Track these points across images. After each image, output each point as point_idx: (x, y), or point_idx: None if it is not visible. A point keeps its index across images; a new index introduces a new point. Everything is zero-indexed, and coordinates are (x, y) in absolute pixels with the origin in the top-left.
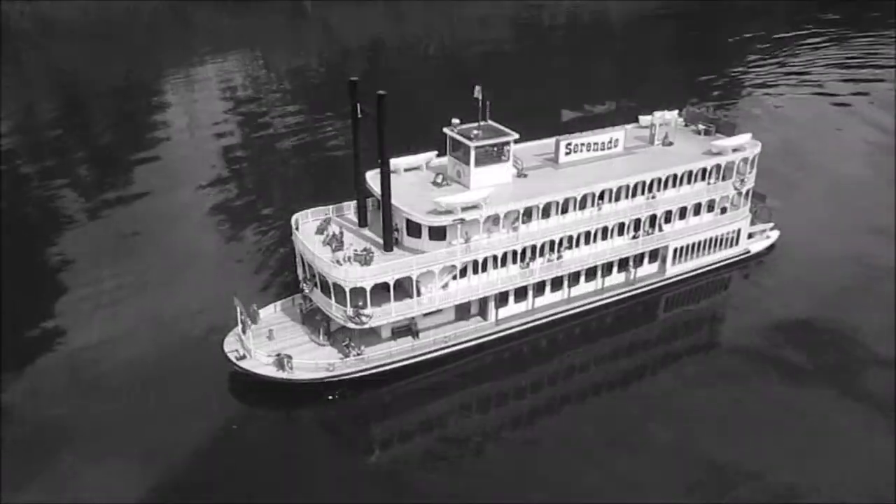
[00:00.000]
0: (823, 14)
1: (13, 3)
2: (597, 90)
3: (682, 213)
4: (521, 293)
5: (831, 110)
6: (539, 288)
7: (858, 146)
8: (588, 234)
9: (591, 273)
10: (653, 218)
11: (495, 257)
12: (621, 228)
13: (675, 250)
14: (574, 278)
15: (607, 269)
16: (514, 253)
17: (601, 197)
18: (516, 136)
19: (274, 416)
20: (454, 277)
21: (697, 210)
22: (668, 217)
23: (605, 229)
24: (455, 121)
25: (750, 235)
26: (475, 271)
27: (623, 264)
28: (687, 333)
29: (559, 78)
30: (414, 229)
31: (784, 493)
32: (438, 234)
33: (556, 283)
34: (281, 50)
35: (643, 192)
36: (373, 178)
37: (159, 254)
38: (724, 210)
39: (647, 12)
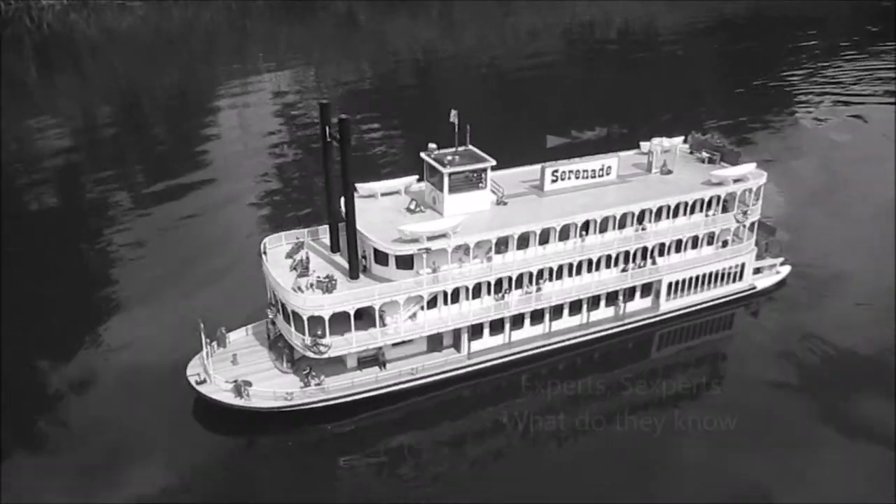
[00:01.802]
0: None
1: (80, 11)
2: (624, 111)
3: (678, 245)
4: (496, 325)
5: (876, 132)
6: (517, 321)
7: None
8: (571, 265)
9: (575, 306)
10: (644, 250)
11: (467, 288)
12: (609, 261)
13: (670, 284)
14: (556, 311)
15: (593, 302)
16: (488, 284)
17: (585, 228)
18: (493, 162)
19: (234, 443)
20: (422, 308)
21: (695, 242)
22: (662, 249)
23: (589, 261)
24: (432, 145)
25: (758, 270)
26: (446, 302)
27: (611, 298)
28: (682, 372)
29: (593, 97)
30: (381, 257)
31: None
32: (405, 262)
33: (537, 316)
34: (333, 59)
35: (633, 223)
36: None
37: (175, 266)
38: (725, 243)
39: (697, 25)
